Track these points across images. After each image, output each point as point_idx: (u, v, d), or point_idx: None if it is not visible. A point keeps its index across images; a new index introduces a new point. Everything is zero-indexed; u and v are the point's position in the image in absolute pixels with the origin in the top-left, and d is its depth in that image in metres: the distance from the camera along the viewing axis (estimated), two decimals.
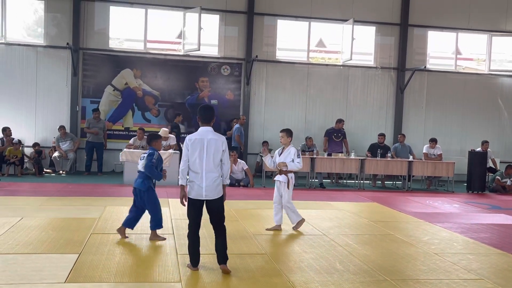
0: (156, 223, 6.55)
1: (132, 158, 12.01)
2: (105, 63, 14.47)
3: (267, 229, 7.31)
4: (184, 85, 14.87)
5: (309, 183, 13.00)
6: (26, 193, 10.07)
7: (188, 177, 5.24)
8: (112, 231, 6.81)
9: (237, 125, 13.91)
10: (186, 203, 5.28)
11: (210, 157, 5.09)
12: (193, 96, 14.90)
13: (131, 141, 12.85)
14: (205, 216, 5.24)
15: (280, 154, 7.31)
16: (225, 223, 5.29)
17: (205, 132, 5.17)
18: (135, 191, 6.54)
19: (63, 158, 13.63)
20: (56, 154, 13.56)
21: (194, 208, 5.18)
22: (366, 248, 6.47)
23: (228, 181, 5.29)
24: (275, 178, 7.42)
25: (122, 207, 8.58)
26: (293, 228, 7.38)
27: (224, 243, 5.20)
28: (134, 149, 12.37)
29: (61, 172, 13.52)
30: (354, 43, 14.79)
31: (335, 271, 5.38)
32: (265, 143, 13.68)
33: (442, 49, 16.93)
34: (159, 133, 12.93)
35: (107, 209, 8.40)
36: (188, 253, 5.27)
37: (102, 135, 13.77)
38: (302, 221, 7.41)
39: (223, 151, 5.15)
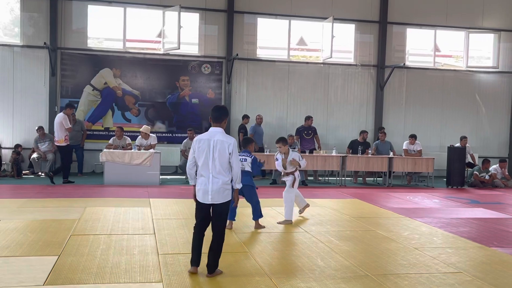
0: (258, 214, 7.33)
1: (113, 158, 11.91)
2: (84, 62, 14.31)
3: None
4: (164, 84, 14.78)
5: (279, 179, 12.99)
6: (4, 195, 9.90)
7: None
8: (92, 232, 6.73)
9: (252, 125, 14.05)
10: None
11: (216, 160, 4.94)
12: (174, 95, 14.82)
13: (110, 141, 12.72)
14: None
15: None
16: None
17: (213, 132, 5.04)
18: (244, 188, 6.78)
19: (42, 159, 13.44)
20: (35, 155, 13.36)
21: (201, 210, 5.09)
22: (348, 244, 6.51)
23: (239, 186, 5.13)
24: (283, 179, 8.16)
25: (102, 208, 8.52)
26: (278, 222, 7.79)
27: (219, 251, 5.05)
28: (114, 149, 12.25)
29: (40, 173, 13.33)
30: (334, 41, 14.86)
31: (316, 268, 5.41)
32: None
33: (421, 46, 17.11)
34: (141, 130, 12.92)
35: (87, 210, 8.31)
36: (191, 252, 5.14)
37: (80, 137, 13.59)
38: (290, 222, 7.77)
39: (229, 154, 4.96)
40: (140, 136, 12.89)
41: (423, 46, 17.01)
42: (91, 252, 5.78)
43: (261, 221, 7.46)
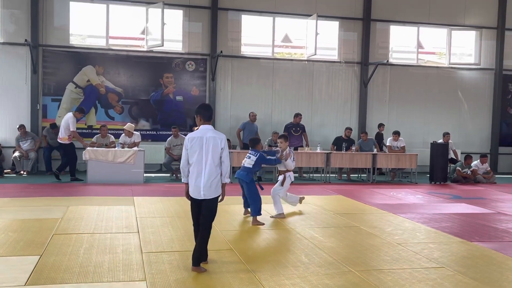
0: (255, 210, 7.50)
1: (96, 156, 11.81)
2: (66, 60, 14.15)
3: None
4: (148, 82, 14.69)
5: (277, 177, 13.02)
6: None
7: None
8: (75, 231, 6.67)
9: (244, 121, 14.17)
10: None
11: (209, 156, 5.11)
12: (157, 92, 14.73)
13: (94, 139, 12.61)
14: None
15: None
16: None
17: (205, 130, 5.22)
18: (239, 181, 7.74)
19: (24, 158, 13.28)
20: (16, 154, 13.20)
21: (194, 205, 5.25)
22: (332, 241, 6.54)
23: (228, 180, 5.27)
24: (279, 178, 8.40)
25: (85, 207, 8.44)
26: (271, 216, 8.01)
27: (205, 244, 5.18)
28: (97, 147, 12.14)
29: (22, 172, 13.16)
30: (318, 38, 14.90)
31: (300, 264, 5.42)
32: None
33: (404, 43, 17.23)
34: (124, 127, 12.82)
35: (70, 209, 8.22)
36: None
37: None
38: (282, 216, 8.01)
39: (222, 149, 5.16)
40: (123, 134, 12.80)
41: (407, 43, 17.14)
42: (73, 251, 5.73)
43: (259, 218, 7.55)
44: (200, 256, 5.15)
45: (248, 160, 7.71)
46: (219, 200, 5.26)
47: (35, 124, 13.93)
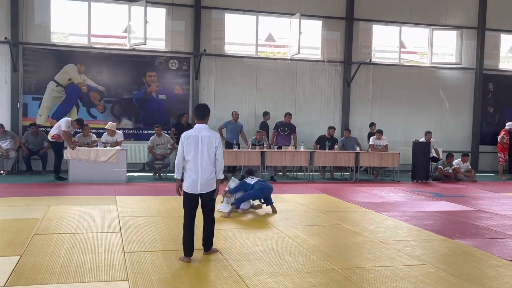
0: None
1: (78, 156, 11.68)
2: (47, 58, 13.96)
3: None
4: (130, 80, 14.56)
5: (260, 176, 13.03)
6: None
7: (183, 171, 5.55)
8: (56, 231, 6.59)
9: (226, 121, 14.06)
10: (182, 194, 5.56)
11: (204, 153, 5.41)
12: (140, 91, 14.62)
13: (75, 138, 12.47)
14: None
15: None
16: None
17: (199, 129, 5.51)
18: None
19: (4, 157, 13.08)
20: None
21: (189, 201, 5.49)
22: (315, 239, 6.56)
23: (222, 176, 5.59)
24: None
25: (67, 206, 8.35)
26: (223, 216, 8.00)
27: (212, 232, 5.68)
28: (79, 146, 12.00)
29: (1, 172, 12.96)
30: (302, 37, 14.93)
31: (284, 263, 5.43)
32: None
33: (386, 42, 17.37)
34: (106, 127, 12.70)
35: (51, 209, 8.12)
36: (182, 244, 5.48)
37: (41, 146, 13.28)
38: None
39: (216, 147, 5.48)
40: (106, 133, 12.67)
41: (389, 43, 17.28)
42: (55, 251, 5.66)
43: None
44: (210, 242, 5.69)
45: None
46: (214, 195, 5.56)
47: (15, 123, 13.72)
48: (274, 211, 8.29)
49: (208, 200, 5.55)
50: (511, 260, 5.76)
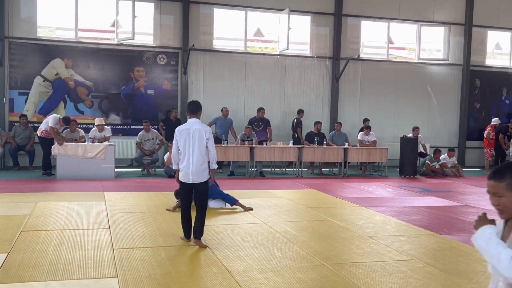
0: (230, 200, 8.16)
1: (65, 152, 11.59)
2: (34, 52, 13.80)
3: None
4: (118, 75, 14.46)
5: (249, 172, 13.06)
6: None
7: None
8: (44, 228, 6.53)
9: (216, 117, 13.90)
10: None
11: (195, 145, 5.82)
12: (128, 86, 14.52)
13: (63, 134, 12.35)
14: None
15: None
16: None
17: (192, 123, 5.94)
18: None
19: None
20: None
21: (184, 189, 5.95)
22: (304, 234, 6.59)
23: (215, 166, 6.06)
24: None
25: (55, 203, 8.28)
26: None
27: (203, 221, 5.94)
28: (66, 142, 11.90)
29: None
30: (291, 33, 14.93)
31: (273, 258, 5.44)
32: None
33: (375, 38, 17.43)
34: (95, 122, 12.60)
35: (39, 205, 8.05)
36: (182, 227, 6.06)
37: (28, 142, 13.13)
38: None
39: (207, 139, 5.87)
40: (94, 129, 12.58)
41: (377, 39, 17.34)
42: (42, 248, 5.61)
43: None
44: (201, 230, 5.91)
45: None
46: (209, 183, 6.04)
47: (2, 119, 13.57)
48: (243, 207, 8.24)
49: (201, 190, 5.89)
50: None
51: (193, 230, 5.95)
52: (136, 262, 5.18)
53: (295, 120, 14.73)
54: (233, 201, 8.13)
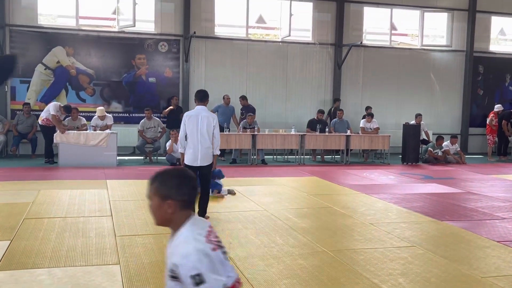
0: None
1: (67, 140, 11.61)
2: (35, 40, 13.76)
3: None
4: (120, 63, 14.41)
5: (251, 159, 13.07)
6: None
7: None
8: (46, 215, 6.57)
9: (218, 104, 13.83)
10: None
11: (204, 131, 6.31)
12: (130, 74, 14.49)
13: (65, 122, 12.36)
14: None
15: None
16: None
17: (199, 110, 6.42)
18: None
19: None
20: None
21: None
22: (305, 221, 6.60)
23: (218, 152, 6.54)
24: None
25: (57, 191, 8.31)
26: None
27: (206, 201, 6.51)
28: (68, 130, 11.91)
29: None
30: (293, 19, 14.83)
31: (275, 245, 5.46)
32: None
33: (377, 25, 17.30)
34: (96, 113, 12.60)
35: (41, 193, 8.08)
36: None
37: (30, 130, 13.13)
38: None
39: (214, 126, 6.38)
40: (95, 117, 12.58)
41: (380, 25, 17.21)
42: (45, 235, 5.65)
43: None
44: (205, 209, 6.46)
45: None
46: (212, 168, 6.53)
47: (3, 107, 13.58)
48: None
49: (206, 172, 6.43)
50: (499, 241, 5.84)
51: (199, 209, 6.39)
52: (138, 249, 5.21)
53: (333, 109, 14.89)
54: (213, 187, 7.96)
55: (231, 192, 8.34)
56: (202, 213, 6.44)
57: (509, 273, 4.74)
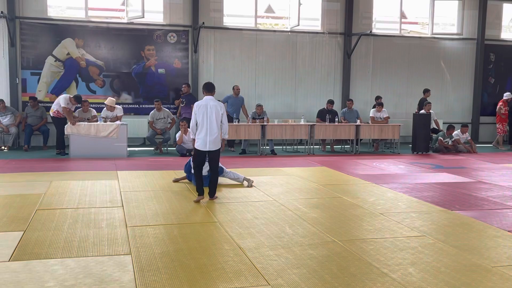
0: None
1: (78, 131, 11.69)
2: (45, 32, 13.82)
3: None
4: (129, 54, 14.45)
5: (261, 150, 13.08)
6: None
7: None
8: (58, 206, 6.64)
9: (227, 95, 13.84)
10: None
11: (213, 118, 6.95)
12: (139, 65, 14.52)
13: (75, 113, 12.44)
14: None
15: None
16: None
17: (208, 100, 7.05)
18: None
19: (5, 133, 13.08)
20: None
21: (200, 155, 7.12)
22: (315, 211, 6.62)
23: (226, 136, 7.28)
24: None
25: (68, 182, 8.40)
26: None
27: (215, 183, 7.23)
28: (79, 121, 11.99)
29: (3, 147, 12.99)
30: (301, 8, 14.76)
31: (284, 235, 5.49)
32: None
33: (387, 13, 17.13)
34: (105, 102, 12.66)
35: (53, 184, 8.17)
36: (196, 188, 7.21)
37: (39, 122, 13.20)
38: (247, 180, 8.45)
39: (222, 114, 7.05)
40: (105, 108, 12.65)
41: (390, 13, 17.05)
42: (57, 226, 5.72)
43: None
44: (214, 190, 7.20)
45: None
46: (220, 150, 7.20)
47: (15, 99, 13.69)
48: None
49: (214, 156, 7.11)
50: (510, 230, 5.82)
51: (209, 191, 7.14)
52: (149, 239, 5.26)
53: (422, 99, 14.86)
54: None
55: (248, 181, 8.36)
56: (212, 194, 7.14)
57: None
